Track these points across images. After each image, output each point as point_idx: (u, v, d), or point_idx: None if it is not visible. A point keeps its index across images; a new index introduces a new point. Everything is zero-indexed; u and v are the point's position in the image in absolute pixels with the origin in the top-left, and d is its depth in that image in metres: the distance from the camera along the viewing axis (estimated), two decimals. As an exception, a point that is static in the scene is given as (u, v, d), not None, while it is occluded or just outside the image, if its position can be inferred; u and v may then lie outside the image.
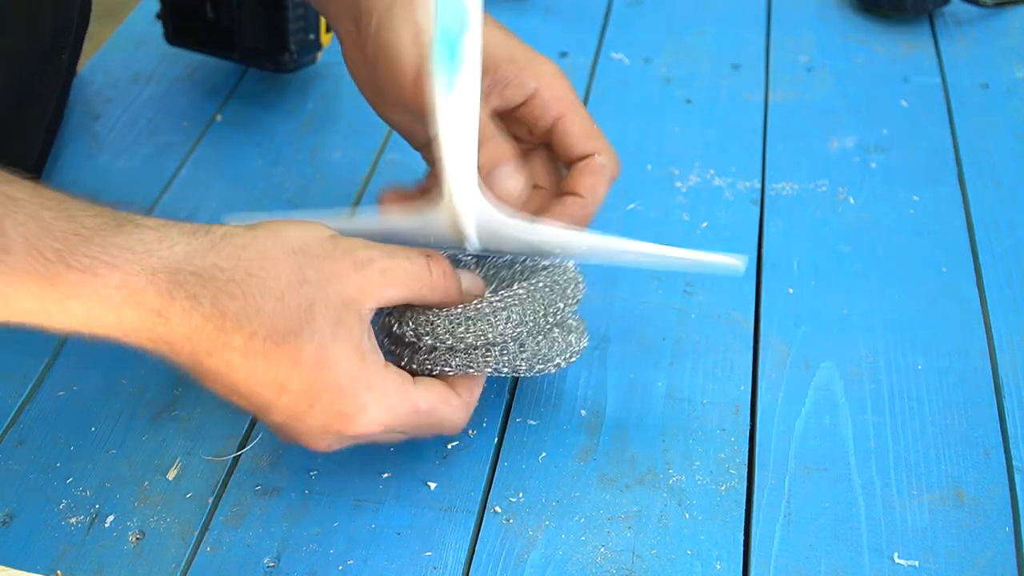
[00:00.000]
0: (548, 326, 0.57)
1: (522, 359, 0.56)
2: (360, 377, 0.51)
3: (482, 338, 0.55)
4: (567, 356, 0.58)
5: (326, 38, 0.85)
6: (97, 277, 0.46)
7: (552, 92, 0.61)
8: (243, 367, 0.49)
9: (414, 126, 0.60)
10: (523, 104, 0.61)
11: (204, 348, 0.49)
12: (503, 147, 0.59)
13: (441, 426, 0.55)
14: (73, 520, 0.57)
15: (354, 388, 0.51)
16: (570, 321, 0.59)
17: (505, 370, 0.56)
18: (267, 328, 0.49)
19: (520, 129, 0.63)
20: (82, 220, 0.47)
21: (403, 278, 0.52)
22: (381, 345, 0.54)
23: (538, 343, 0.56)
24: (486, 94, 0.60)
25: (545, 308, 0.56)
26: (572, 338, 0.58)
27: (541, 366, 0.57)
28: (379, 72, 0.59)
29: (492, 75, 0.60)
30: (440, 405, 0.54)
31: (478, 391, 0.56)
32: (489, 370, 0.56)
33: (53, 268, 0.45)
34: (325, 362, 0.50)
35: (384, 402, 0.51)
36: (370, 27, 0.59)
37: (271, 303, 0.49)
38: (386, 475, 0.59)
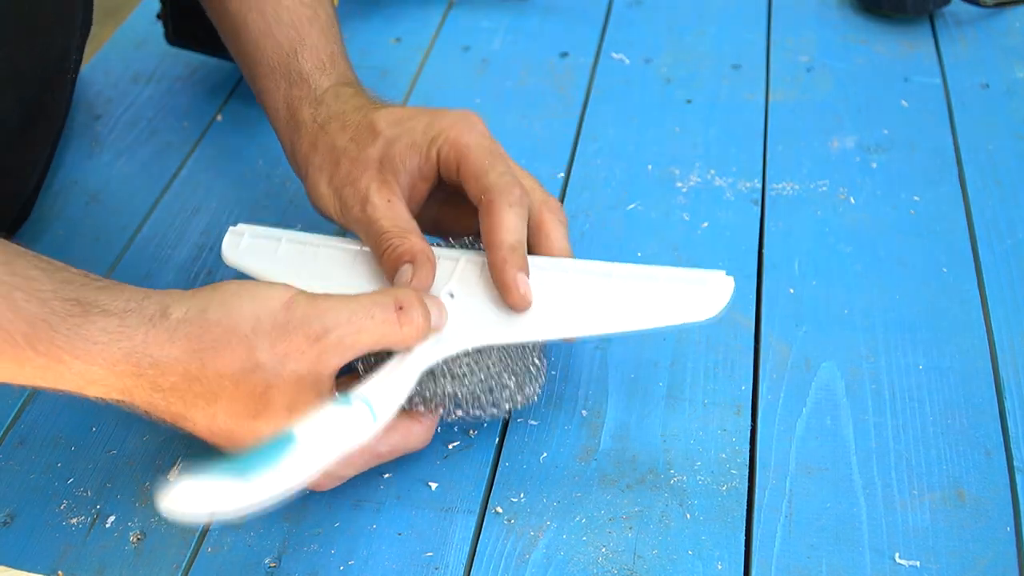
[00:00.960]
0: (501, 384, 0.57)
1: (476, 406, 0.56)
2: None
3: (437, 394, 0.55)
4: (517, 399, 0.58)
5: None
6: (62, 363, 0.49)
7: (450, 145, 0.59)
8: (208, 436, 0.52)
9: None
10: (446, 171, 0.60)
11: (168, 419, 0.52)
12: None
13: (407, 452, 0.57)
14: (74, 520, 0.57)
15: None
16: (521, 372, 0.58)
17: (459, 413, 0.56)
18: (225, 412, 0.51)
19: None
20: (51, 304, 0.48)
21: (366, 341, 0.52)
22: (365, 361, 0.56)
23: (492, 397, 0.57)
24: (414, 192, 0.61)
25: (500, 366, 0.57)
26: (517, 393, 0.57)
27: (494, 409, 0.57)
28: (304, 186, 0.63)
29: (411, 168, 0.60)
30: (401, 444, 0.56)
31: (439, 413, 0.57)
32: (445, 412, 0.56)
33: (22, 352, 0.48)
34: None
35: (344, 461, 0.52)
36: (296, 156, 0.64)
37: (228, 389, 0.50)
38: (387, 475, 0.59)
